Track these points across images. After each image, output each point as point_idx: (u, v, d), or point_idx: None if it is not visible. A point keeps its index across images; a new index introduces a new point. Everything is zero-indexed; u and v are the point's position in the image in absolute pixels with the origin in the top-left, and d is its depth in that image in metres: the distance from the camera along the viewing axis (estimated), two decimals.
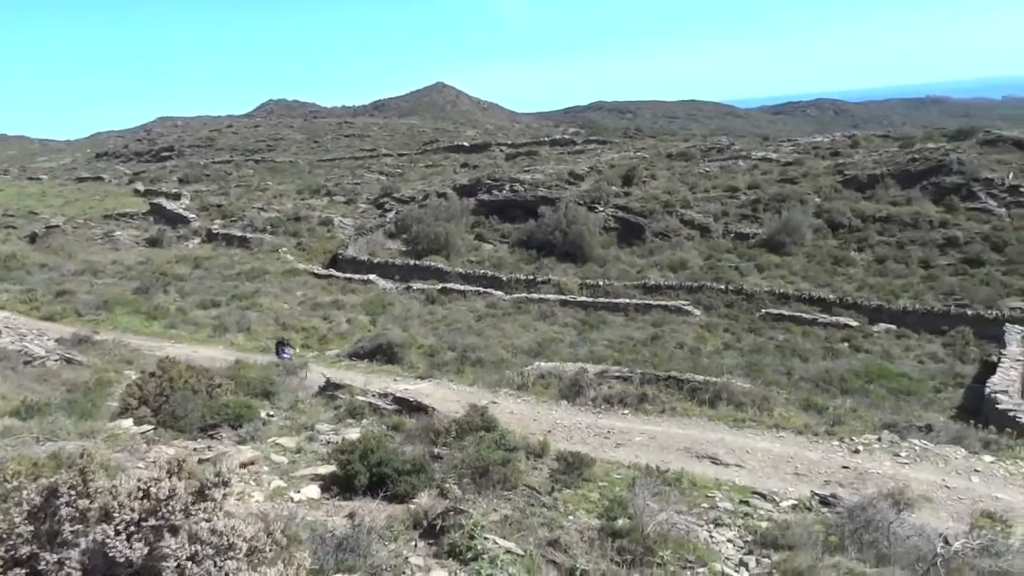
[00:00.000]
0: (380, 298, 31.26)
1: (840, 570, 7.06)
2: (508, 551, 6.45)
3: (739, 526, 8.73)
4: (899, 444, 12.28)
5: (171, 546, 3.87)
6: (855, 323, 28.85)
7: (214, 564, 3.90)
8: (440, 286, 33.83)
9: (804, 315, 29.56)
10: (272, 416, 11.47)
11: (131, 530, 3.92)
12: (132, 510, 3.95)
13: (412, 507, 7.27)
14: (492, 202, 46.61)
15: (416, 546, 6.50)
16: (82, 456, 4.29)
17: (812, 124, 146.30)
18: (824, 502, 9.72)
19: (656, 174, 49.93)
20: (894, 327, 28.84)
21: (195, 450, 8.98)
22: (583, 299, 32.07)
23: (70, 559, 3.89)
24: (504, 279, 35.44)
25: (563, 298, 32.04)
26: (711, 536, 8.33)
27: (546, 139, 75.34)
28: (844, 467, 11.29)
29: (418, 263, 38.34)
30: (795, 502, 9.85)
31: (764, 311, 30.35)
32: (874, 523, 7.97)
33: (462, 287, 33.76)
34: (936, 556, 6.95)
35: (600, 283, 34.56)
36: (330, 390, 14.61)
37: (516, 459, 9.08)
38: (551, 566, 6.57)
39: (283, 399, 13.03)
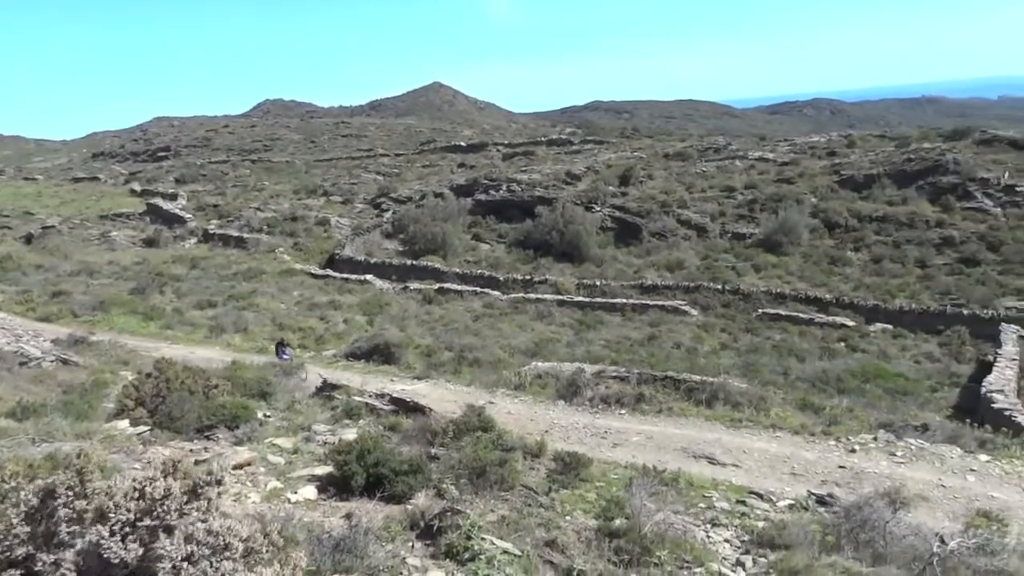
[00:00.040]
0: (377, 298, 31.23)
1: (836, 569, 7.08)
2: (505, 551, 6.45)
3: (736, 526, 8.74)
4: (895, 444, 12.31)
5: (166, 547, 3.87)
6: (851, 323, 28.92)
7: (210, 564, 3.90)
8: (437, 286, 33.82)
9: (801, 315, 29.63)
10: (269, 417, 11.45)
11: (126, 531, 3.91)
12: (128, 510, 3.94)
13: (409, 508, 7.27)
14: (489, 202, 46.62)
15: (413, 547, 6.50)
16: (79, 456, 4.28)
17: (808, 124, 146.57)
18: (821, 502, 9.75)
19: (653, 174, 49.99)
20: (890, 327, 28.91)
21: (191, 451, 8.97)
22: (580, 299, 32.09)
23: (65, 560, 3.88)
24: (501, 279, 35.44)
25: (560, 298, 32.05)
26: (708, 536, 8.34)
27: (543, 139, 75.38)
28: (840, 467, 11.31)
29: (415, 263, 38.32)
30: (792, 502, 9.87)
31: (761, 311, 30.41)
32: (870, 522, 7.99)
33: (459, 287, 33.75)
34: (932, 555, 6.97)
35: (597, 283, 34.59)
36: (327, 391, 14.58)
37: (513, 459, 9.08)
38: (548, 566, 6.57)
39: (280, 400, 13.01)
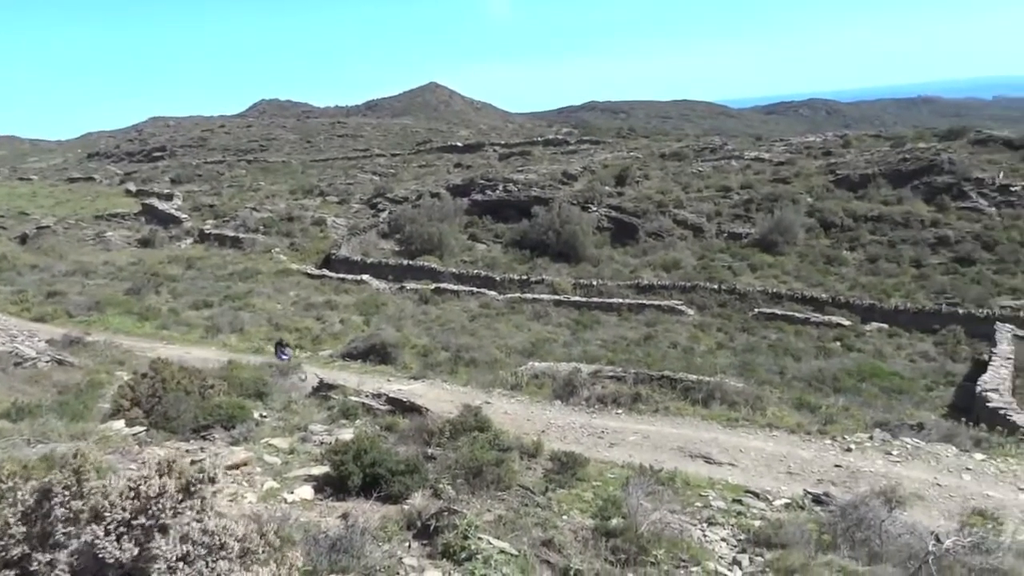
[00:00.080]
0: (373, 298, 31.20)
1: (832, 568, 7.10)
2: (502, 551, 6.45)
3: (732, 525, 8.75)
4: (891, 442, 12.33)
5: (161, 547, 3.85)
6: (847, 322, 28.98)
7: (206, 564, 3.89)
8: (434, 286, 33.80)
9: (797, 314, 29.68)
10: (265, 417, 11.44)
11: (121, 530, 3.90)
12: (123, 509, 3.93)
13: (406, 508, 7.26)
14: (485, 202, 46.60)
15: (410, 547, 6.50)
16: (76, 456, 4.27)
17: (804, 124, 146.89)
18: (817, 500, 9.77)
19: (649, 174, 50.02)
20: (886, 326, 28.97)
21: (187, 451, 8.95)
22: (577, 299, 32.11)
23: (60, 560, 3.86)
24: (498, 279, 35.42)
25: (557, 298, 32.07)
26: (704, 535, 8.34)
27: (539, 139, 75.38)
28: (836, 466, 11.33)
29: (411, 263, 38.29)
30: (788, 501, 9.89)
31: (757, 310, 30.45)
32: (866, 521, 8.01)
33: (456, 287, 33.74)
34: (928, 554, 6.99)
35: (593, 283, 34.60)
36: (323, 391, 14.58)
37: (510, 459, 9.08)
38: (545, 566, 6.57)
39: (276, 400, 12.99)
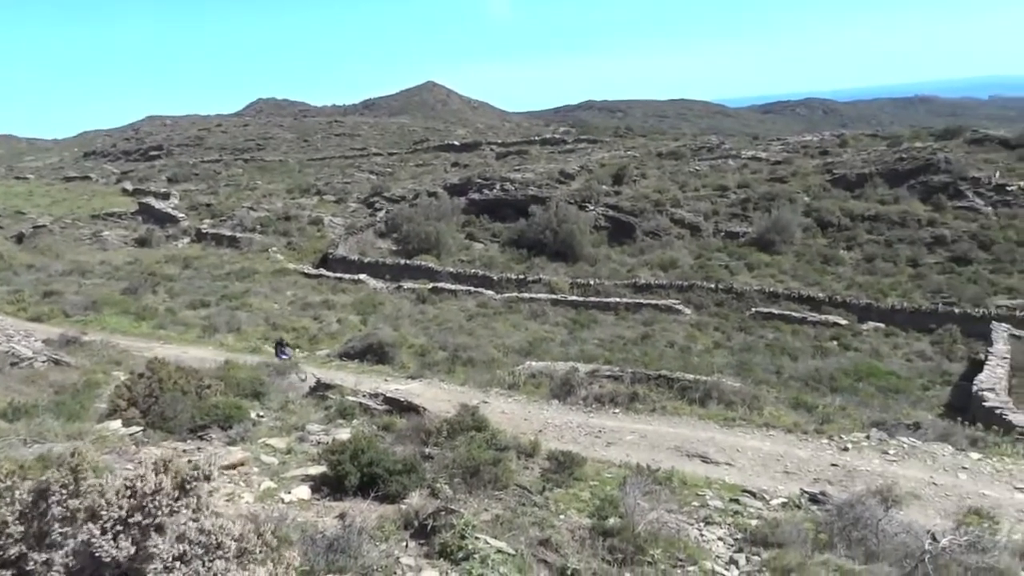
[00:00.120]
0: (370, 298, 31.18)
1: (829, 567, 7.11)
2: (499, 551, 6.46)
3: (729, 524, 8.76)
4: (887, 442, 12.35)
5: (159, 544, 3.85)
6: (844, 322, 29.01)
7: (202, 564, 3.88)
8: (431, 285, 33.79)
9: (794, 314, 29.70)
10: (262, 417, 11.43)
11: (117, 528, 3.89)
12: (119, 508, 3.92)
13: (403, 507, 7.26)
14: (483, 201, 46.58)
15: (407, 546, 6.50)
16: (74, 455, 4.26)
17: (801, 123, 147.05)
18: (813, 500, 9.78)
19: (646, 173, 50.03)
20: (883, 325, 29.01)
21: (184, 451, 8.93)
22: (574, 298, 32.11)
23: (55, 560, 3.86)
24: (495, 278, 35.41)
25: (554, 297, 32.07)
26: (701, 534, 8.35)
27: (536, 138, 75.38)
28: (833, 465, 11.35)
29: (409, 262, 38.26)
30: (785, 500, 9.90)
31: (754, 310, 30.48)
32: (863, 520, 8.02)
33: (453, 286, 33.72)
34: (924, 553, 7.01)
35: (591, 282, 34.61)
36: (320, 390, 14.57)
37: (507, 459, 9.08)
38: (542, 565, 6.58)
39: (273, 400, 12.98)
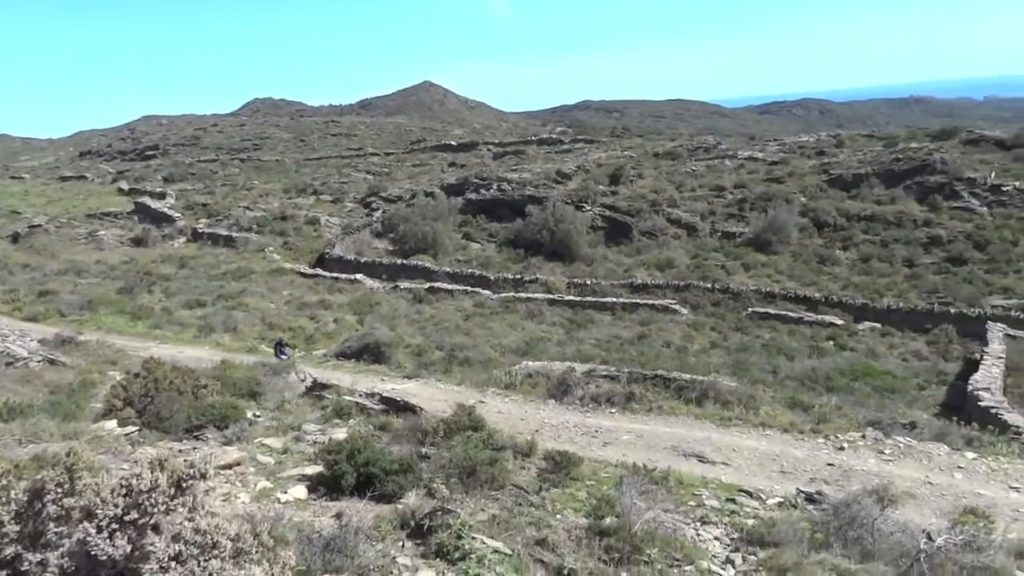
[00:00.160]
0: (367, 297, 31.14)
1: (825, 566, 7.12)
2: (496, 551, 6.45)
3: (725, 524, 8.76)
4: (883, 441, 12.37)
5: (155, 543, 3.84)
6: (840, 321, 29.08)
7: (198, 564, 3.87)
8: (428, 285, 33.75)
9: (790, 314, 29.76)
10: (258, 417, 11.41)
11: (113, 527, 3.88)
12: (115, 506, 3.91)
13: (400, 507, 7.26)
14: (480, 201, 46.57)
15: (403, 546, 6.49)
16: (69, 454, 4.25)
17: (798, 124, 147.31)
18: (809, 499, 9.79)
19: (643, 173, 50.07)
20: (879, 325, 29.08)
21: (180, 451, 8.92)
22: (571, 298, 32.11)
23: (50, 560, 3.84)
24: (492, 278, 35.40)
25: (551, 297, 32.06)
26: (698, 534, 8.36)
27: (533, 138, 75.40)
28: (829, 464, 11.37)
29: (405, 262, 38.23)
30: (781, 499, 9.91)
31: (750, 310, 30.52)
32: (859, 520, 8.04)
33: (450, 286, 33.70)
34: (919, 552, 7.02)
35: (587, 282, 34.62)
36: (317, 390, 14.55)
37: (504, 458, 9.08)
38: (539, 565, 6.58)
39: (269, 399, 12.95)
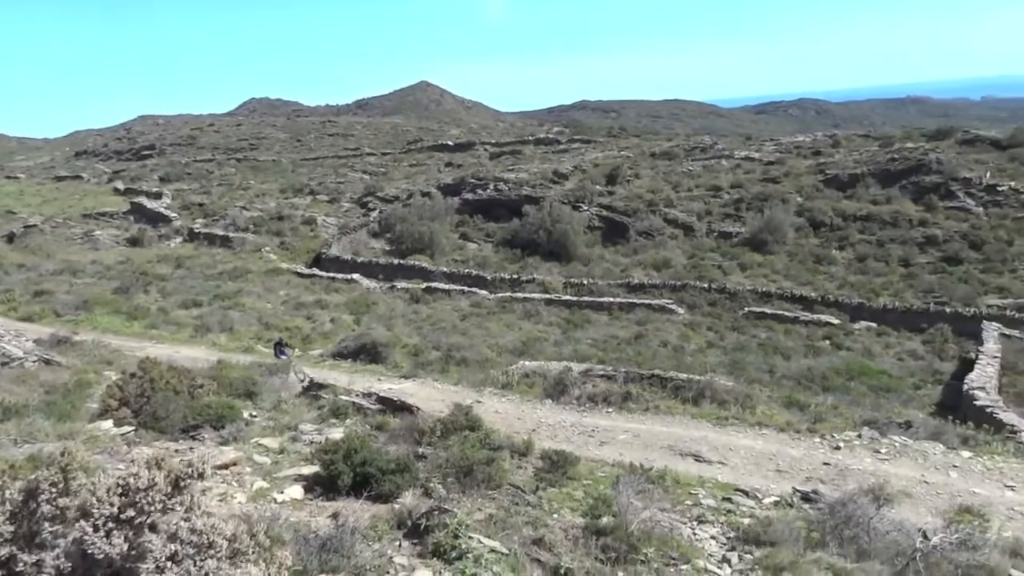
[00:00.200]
0: (364, 297, 31.13)
1: (821, 565, 7.14)
2: (493, 550, 6.45)
3: (722, 523, 8.77)
4: (879, 440, 12.39)
5: (152, 541, 3.83)
6: (836, 321, 29.15)
7: (194, 563, 3.87)
8: (424, 285, 33.74)
9: (786, 313, 29.82)
10: (255, 417, 11.39)
11: (110, 526, 3.87)
12: (111, 504, 3.90)
13: (396, 507, 7.25)
14: (476, 201, 46.57)
15: (400, 546, 6.49)
16: (63, 454, 4.24)
17: (794, 124, 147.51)
18: (806, 498, 9.80)
19: (640, 173, 50.13)
20: (875, 325, 29.16)
21: (176, 451, 8.90)
22: (567, 298, 32.14)
23: (46, 560, 3.83)
24: (489, 278, 35.41)
25: (547, 297, 32.09)
26: (694, 533, 8.37)
27: (530, 138, 75.41)
28: (825, 464, 11.38)
29: (402, 262, 38.22)
30: (777, 499, 9.92)
31: (747, 309, 30.58)
32: (854, 519, 8.05)
33: (446, 286, 33.69)
34: (915, 551, 7.04)
35: (584, 282, 34.65)
36: (313, 390, 14.53)
37: (501, 458, 9.08)
38: (536, 564, 6.58)
39: (266, 399, 12.93)
